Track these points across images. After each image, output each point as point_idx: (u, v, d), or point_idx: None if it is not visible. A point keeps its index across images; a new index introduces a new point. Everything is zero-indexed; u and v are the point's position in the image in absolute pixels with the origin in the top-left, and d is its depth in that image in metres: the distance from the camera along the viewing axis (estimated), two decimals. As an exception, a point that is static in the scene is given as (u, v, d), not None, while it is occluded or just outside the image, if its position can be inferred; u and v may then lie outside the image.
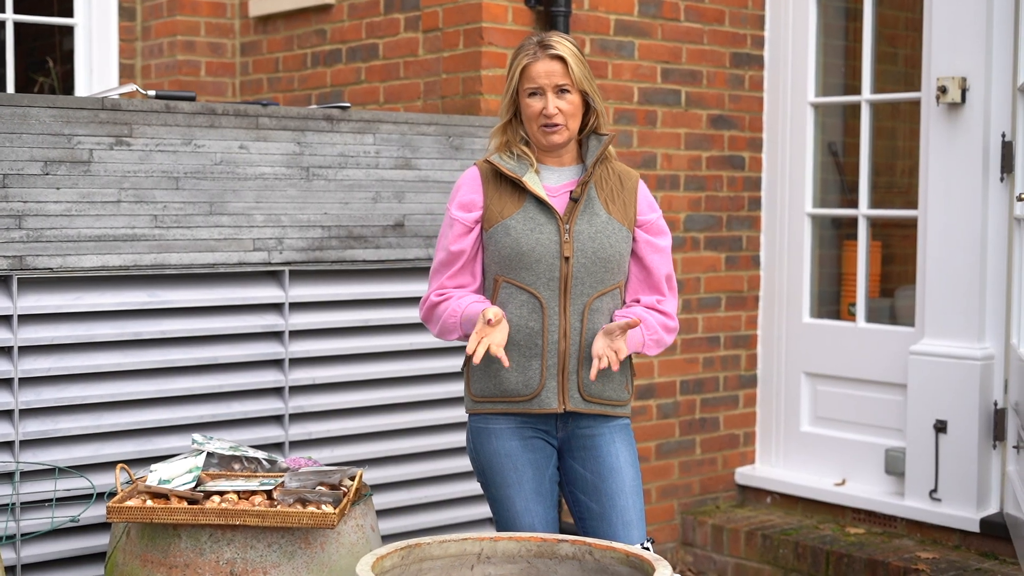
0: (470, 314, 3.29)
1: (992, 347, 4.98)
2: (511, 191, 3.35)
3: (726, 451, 5.74)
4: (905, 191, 5.96)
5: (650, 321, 3.35)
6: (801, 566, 5.15)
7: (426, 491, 4.56)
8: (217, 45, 6.08)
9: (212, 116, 4.08)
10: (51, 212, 3.81)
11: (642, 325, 3.32)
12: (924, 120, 5.15)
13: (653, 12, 5.33)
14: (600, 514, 3.39)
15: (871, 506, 5.30)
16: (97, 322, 3.93)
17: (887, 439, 5.36)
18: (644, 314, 3.34)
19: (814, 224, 5.70)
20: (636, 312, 3.34)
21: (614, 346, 3.21)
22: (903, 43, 5.93)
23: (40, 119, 3.78)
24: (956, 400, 5.00)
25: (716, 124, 5.58)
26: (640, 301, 3.40)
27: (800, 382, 5.67)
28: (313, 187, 4.28)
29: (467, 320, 3.30)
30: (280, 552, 3.36)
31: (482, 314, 3.18)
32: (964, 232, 4.99)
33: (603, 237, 3.32)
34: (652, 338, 3.35)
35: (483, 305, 3.29)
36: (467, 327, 3.31)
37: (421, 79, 5.14)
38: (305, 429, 4.31)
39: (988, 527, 4.91)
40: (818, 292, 5.78)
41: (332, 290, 4.36)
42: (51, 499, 3.80)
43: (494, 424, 3.38)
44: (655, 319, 3.36)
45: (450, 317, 3.33)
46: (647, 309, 3.37)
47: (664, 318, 3.38)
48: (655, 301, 3.39)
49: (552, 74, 3.31)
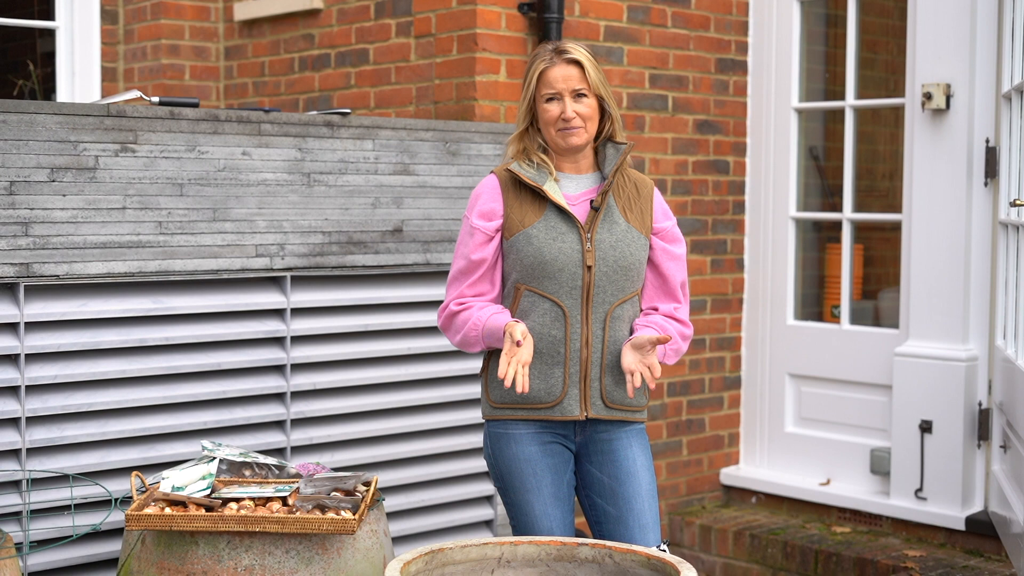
0: (492, 327, 3.30)
1: (976, 348, 5.07)
2: (531, 199, 3.37)
3: (711, 452, 5.81)
4: (885, 195, 6.05)
5: (671, 331, 3.38)
6: (790, 565, 5.23)
7: (428, 494, 4.59)
8: (201, 49, 6.07)
9: (215, 123, 4.09)
10: (57, 219, 3.80)
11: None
12: (908, 126, 5.23)
13: (641, 19, 5.38)
14: (617, 517, 3.43)
15: (857, 505, 5.39)
16: (102, 329, 3.93)
17: (872, 439, 5.44)
18: (665, 324, 3.38)
19: (798, 227, 5.77)
20: (657, 323, 3.37)
21: (647, 362, 3.23)
22: (883, 49, 6.03)
23: (46, 126, 3.77)
24: (941, 400, 5.09)
25: (702, 129, 5.65)
26: (658, 309, 3.43)
27: (784, 383, 5.75)
28: (314, 193, 4.30)
29: (489, 333, 3.31)
30: (298, 558, 3.38)
31: (508, 335, 3.20)
32: (948, 236, 5.08)
33: (623, 246, 3.35)
34: (672, 348, 3.39)
35: (504, 317, 3.31)
36: (489, 340, 3.32)
37: (413, 84, 5.17)
38: (306, 434, 4.33)
39: (973, 525, 5.00)
40: (801, 294, 5.85)
41: (332, 295, 4.37)
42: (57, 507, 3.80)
43: (513, 429, 3.40)
44: (674, 329, 3.40)
45: (472, 330, 3.35)
46: (666, 318, 3.40)
47: (681, 327, 3.42)
48: (673, 309, 3.43)
49: (569, 79, 3.34)
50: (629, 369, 3.23)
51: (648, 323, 3.38)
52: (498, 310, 3.34)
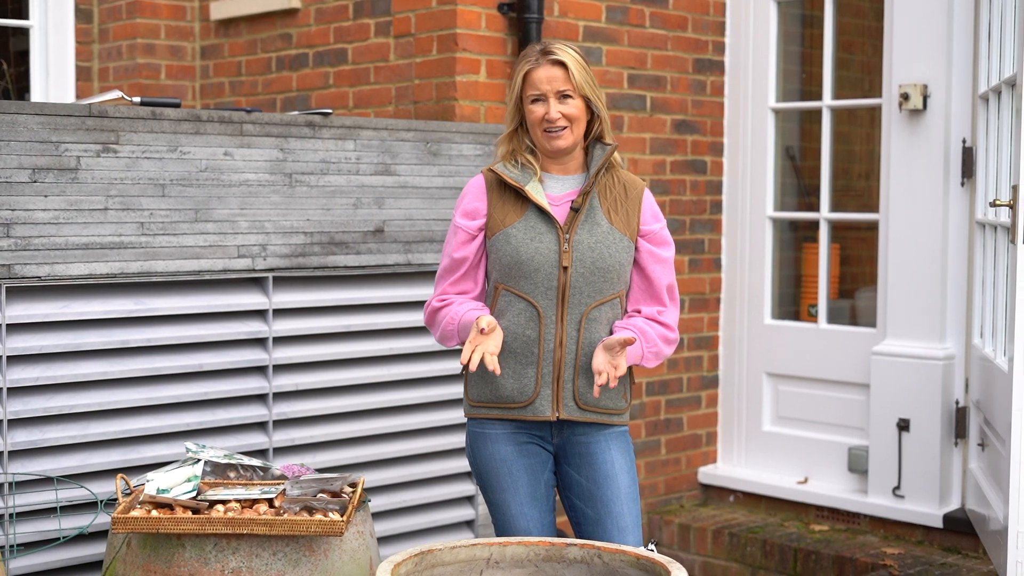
0: (466, 322, 3.33)
1: (953, 347, 5.11)
2: (514, 200, 3.38)
3: (689, 451, 5.83)
4: (860, 194, 6.09)
5: (650, 334, 3.37)
6: (768, 563, 5.25)
7: (410, 495, 4.59)
8: (177, 48, 6.05)
9: (197, 123, 4.07)
10: (39, 220, 3.78)
11: (641, 338, 3.34)
12: (886, 126, 5.27)
13: (620, 19, 5.39)
14: (596, 520, 3.44)
15: (834, 503, 5.42)
16: (84, 330, 3.91)
17: (849, 438, 5.47)
18: (644, 326, 3.37)
19: (775, 227, 5.80)
20: (636, 324, 3.37)
21: (614, 362, 3.25)
22: (859, 50, 6.06)
23: (28, 126, 3.75)
24: (918, 399, 5.12)
25: (679, 129, 5.66)
26: (641, 312, 3.42)
27: (762, 382, 5.77)
28: (296, 193, 4.28)
29: (464, 327, 3.34)
30: (285, 560, 3.37)
31: (476, 322, 3.22)
32: (925, 235, 5.11)
33: (603, 247, 3.35)
34: (651, 351, 3.38)
35: (479, 313, 3.33)
36: (464, 334, 3.34)
37: (392, 84, 5.16)
38: (288, 435, 4.32)
39: (951, 522, 5.04)
40: (778, 294, 5.88)
41: (314, 296, 4.36)
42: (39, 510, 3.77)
43: (490, 429, 3.42)
44: (655, 331, 3.39)
45: (448, 324, 3.38)
46: (647, 321, 3.40)
47: (664, 330, 3.41)
48: (656, 312, 3.41)
49: (553, 80, 3.34)
50: (598, 370, 3.24)
51: (626, 325, 3.38)
52: (475, 306, 3.36)
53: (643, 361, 3.38)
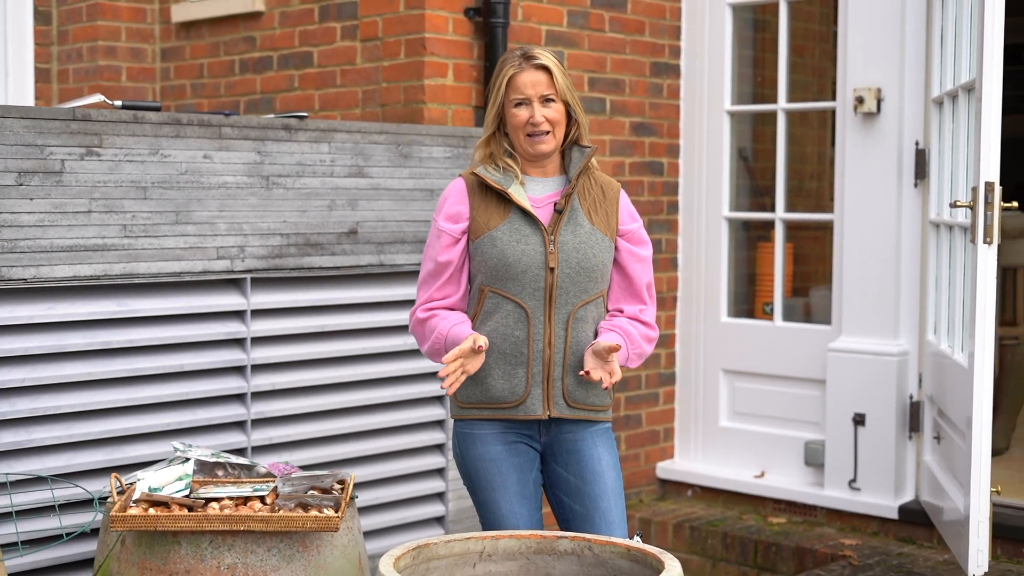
0: (453, 339, 3.37)
1: (907, 343, 5.27)
2: (497, 203, 3.44)
3: (648, 447, 5.95)
4: (812, 194, 6.25)
5: (634, 335, 3.45)
6: (729, 556, 5.38)
7: (381, 492, 4.65)
8: (137, 50, 6.06)
9: (177, 126, 4.11)
10: (24, 223, 3.81)
11: (627, 340, 3.42)
12: (840, 129, 5.42)
13: (580, 23, 5.50)
14: (584, 515, 3.52)
15: (791, 496, 5.56)
16: (68, 332, 3.94)
17: (805, 432, 5.62)
18: (628, 327, 3.46)
19: (730, 227, 5.93)
20: (620, 325, 3.45)
21: (608, 368, 3.34)
22: (809, 54, 6.21)
23: (13, 130, 3.77)
24: (873, 394, 5.28)
25: (638, 131, 5.78)
26: (624, 311, 3.51)
27: (718, 379, 5.90)
28: (273, 195, 4.34)
29: (451, 345, 3.38)
30: (280, 556, 3.43)
31: (472, 340, 3.29)
32: (880, 235, 5.27)
33: (587, 248, 3.43)
34: (635, 352, 3.46)
35: (465, 328, 3.38)
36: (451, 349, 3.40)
37: (360, 87, 5.22)
38: (266, 434, 4.37)
39: (905, 514, 5.20)
40: (733, 292, 6.01)
41: (291, 297, 4.42)
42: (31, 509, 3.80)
43: (479, 429, 3.48)
44: (638, 331, 3.47)
45: (436, 342, 3.42)
46: (631, 321, 3.48)
47: (646, 329, 3.50)
48: (638, 311, 3.50)
49: (537, 84, 3.42)
50: (595, 377, 3.32)
51: (612, 326, 3.45)
52: (459, 320, 3.40)
53: (628, 363, 3.46)
